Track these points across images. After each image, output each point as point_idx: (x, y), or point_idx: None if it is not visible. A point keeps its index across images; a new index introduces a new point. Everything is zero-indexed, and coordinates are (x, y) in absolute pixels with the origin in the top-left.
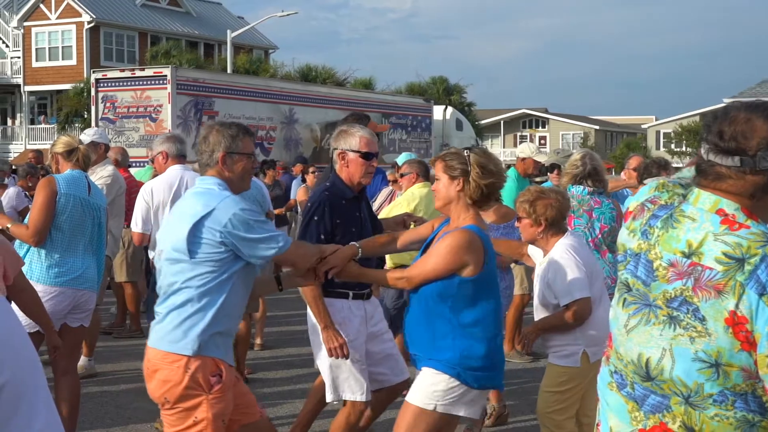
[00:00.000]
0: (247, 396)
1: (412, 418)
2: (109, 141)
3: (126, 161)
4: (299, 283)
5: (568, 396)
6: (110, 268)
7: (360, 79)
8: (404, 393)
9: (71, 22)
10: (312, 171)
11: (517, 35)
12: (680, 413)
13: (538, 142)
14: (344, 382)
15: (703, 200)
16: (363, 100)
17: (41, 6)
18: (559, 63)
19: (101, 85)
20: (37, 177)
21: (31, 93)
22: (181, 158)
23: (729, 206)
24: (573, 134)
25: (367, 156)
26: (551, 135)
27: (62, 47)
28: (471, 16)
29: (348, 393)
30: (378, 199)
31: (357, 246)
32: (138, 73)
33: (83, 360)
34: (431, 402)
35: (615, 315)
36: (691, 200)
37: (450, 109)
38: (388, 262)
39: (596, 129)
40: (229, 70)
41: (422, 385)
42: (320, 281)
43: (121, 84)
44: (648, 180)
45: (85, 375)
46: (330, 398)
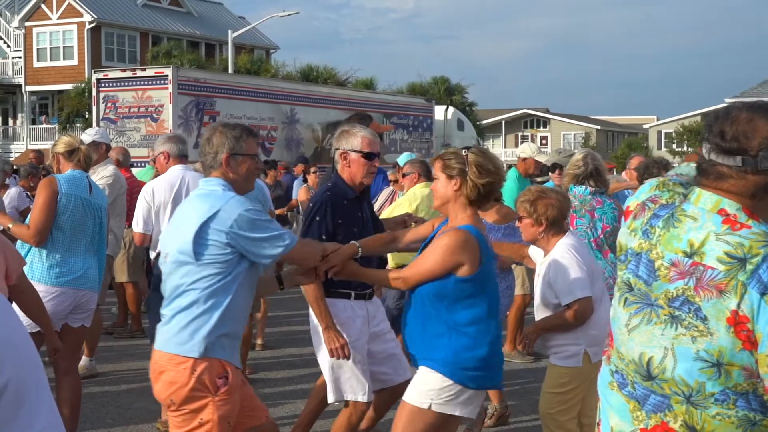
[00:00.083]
0: (253, 399)
1: (408, 417)
2: (111, 141)
3: (127, 161)
4: (300, 282)
5: (571, 397)
6: (112, 268)
7: (361, 79)
8: None
9: (72, 22)
10: (313, 171)
11: (519, 35)
12: (681, 412)
13: (540, 142)
14: (346, 383)
15: (705, 200)
16: (364, 100)
17: (42, 6)
18: (561, 63)
19: (102, 85)
20: (39, 177)
21: (33, 93)
22: (183, 158)
23: (730, 206)
24: (574, 134)
25: (369, 156)
26: (552, 135)
27: (63, 47)
28: (472, 17)
29: (350, 393)
30: (379, 200)
31: (357, 245)
32: (139, 73)
33: (84, 360)
34: (426, 401)
35: (616, 314)
36: (693, 200)
37: (451, 109)
38: (390, 262)
39: (598, 129)
40: (231, 70)
41: (417, 384)
42: (320, 280)
43: (123, 84)
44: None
45: (87, 375)
46: (332, 399)
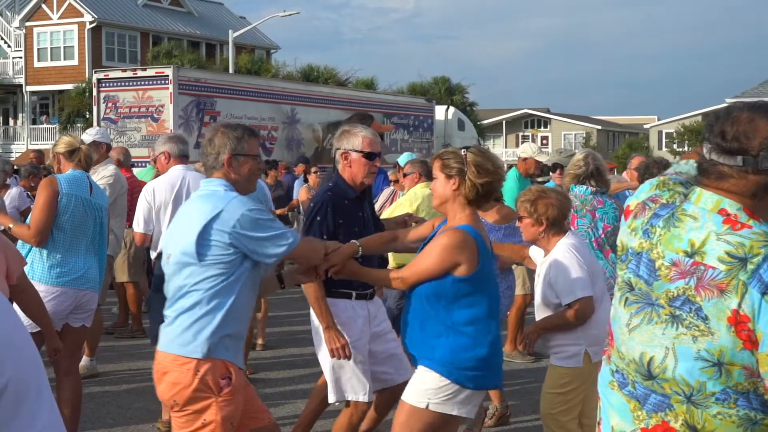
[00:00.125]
0: (256, 401)
1: (406, 417)
2: (111, 140)
3: (128, 161)
4: (301, 281)
5: (572, 397)
6: (112, 268)
7: (362, 79)
8: None
9: (73, 22)
10: (314, 171)
11: (519, 35)
12: (682, 412)
13: (540, 142)
14: (347, 383)
15: (705, 200)
16: (365, 100)
17: (43, 6)
18: (561, 63)
19: (103, 85)
20: (40, 177)
21: (33, 93)
22: (184, 158)
23: (731, 206)
24: (575, 134)
25: (370, 156)
26: (553, 135)
27: (64, 47)
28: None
29: (350, 393)
30: (380, 200)
31: (357, 244)
32: (140, 73)
33: (85, 360)
34: (423, 400)
35: (616, 314)
36: (693, 199)
37: (452, 109)
38: (391, 262)
39: (598, 129)
40: (231, 70)
41: (415, 384)
42: (321, 279)
43: (123, 84)
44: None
45: (87, 375)
46: (332, 399)
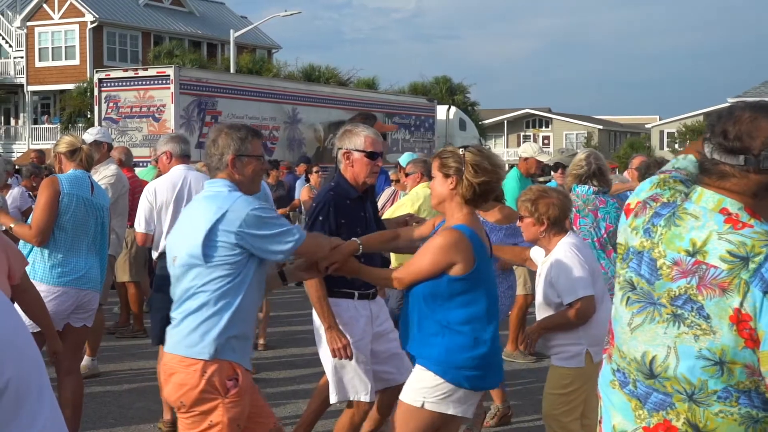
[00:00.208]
0: (262, 404)
1: (403, 416)
2: (112, 140)
3: (130, 161)
4: (303, 278)
5: (574, 397)
6: (114, 268)
7: (363, 79)
8: None
9: (74, 22)
10: (316, 171)
11: (520, 35)
12: (684, 410)
13: (542, 142)
14: (349, 383)
15: (707, 199)
16: (366, 100)
17: (44, 6)
18: (562, 63)
19: (104, 85)
20: (41, 177)
21: (34, 93)
22: (185, 158)
23: (732, 205)
24: (576, 134)
25: (372, 155)
26: (555, 135)
27: (65, 47)
28: (474, 16)
29: (352, 393)
30: (381, 200)
31: (358, 242)
32: (141, 73)
33: (86, 360)
34: (419, 399)
35: (617, 313)
36: (694, 198)
37: (453, 109)
38: (393, 262)
39: (600, 129)
40: (232, 70)
41: (412, 383)
42: (322, 275)
43: (124, 84)
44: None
45: (89, 375)
46: (334, 399)
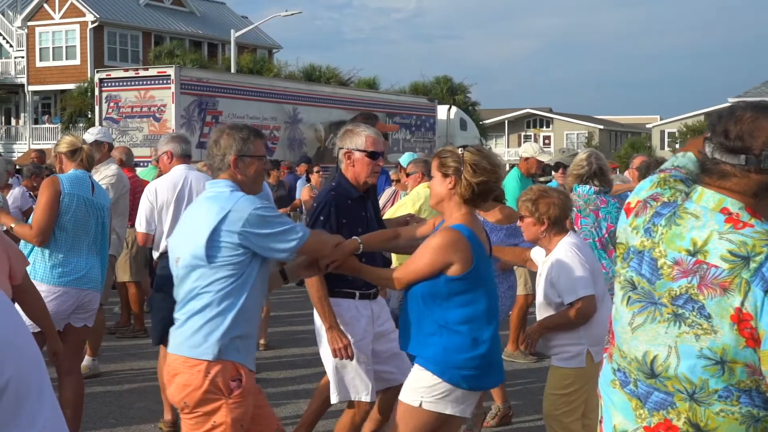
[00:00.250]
0: (266, 407)
1: (402, 415)
2: (113, 140)
3: (131, 161)
4: (304, 276)
5: (575, 398)
6: (114, 268)
7: (364, 79)
8: None
9: (75, 22)
10: (317, 171)
11: (521, 35)
12: (685, 410)
13: (543, 142)
14: (350, 383)
15: (707, 198)
16: (367, 100)
17: (45, 6)
18: (563, 62)
19: (105, 85)
20: (42, 177)
21: (35, 93)
22: (186, 158)
23: (733, 205)
24: (577, 134)
25: (373, 155)
26: (555, 135)
27: (66, 47)
28: (475, 16)
29: (353, 393)
30: (381, 200)
31: (359, 241)
32: (142, 73)
33: (87, 360)
34: (417, 398)
35: (618, 313)
36: (695, 198)
37: (454, 109)
38: (395, 263)
39: (600, 129)
40: (233, 70)
41: (410, 382)
42: (323, 273)
43: (125, 84)
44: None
45: (89, 375)
46: (335, 400)
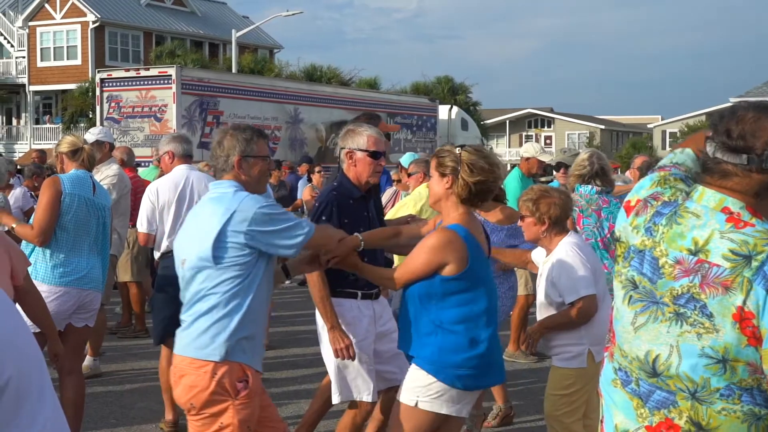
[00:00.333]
0: (271, 408)
1: (399, 415)
2: (114, 140)
3: (132, 161)
4: (305, 271)
5: (576, 398)
6: (116, 268)
7: (365, 79)
8: None
9: (76, 22)
10: (318, 171)
11: (522, 35)
12: (687, 408)
13: (544, 142)
14: (351, 383)
15: (708, 198)
16: (368, 100)
17: (46, 6)
18: (564, 62)
19: (106, 85)
20: (43, 177)
21: (36, 93)
22: (188, 158)
23: (734, 204)
24: (579, 134)
25: (375, 155)
26: (557, 135)
27: (67, 47)
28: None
29: (355, 393)
30: (382, 200)
31: (360, 238)
32: (143, 73)
33: (88, 360)
34: (413, 398)
35: (619, 312)
36: (695, 197)
37: (455, 109)
38: (396, 263)
39: (602, 129)
40: (234, 70)
41: (406, 382)
42: (323, 268)
43: (126, 84)
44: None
45: (90, 375)
46: (336, 400)
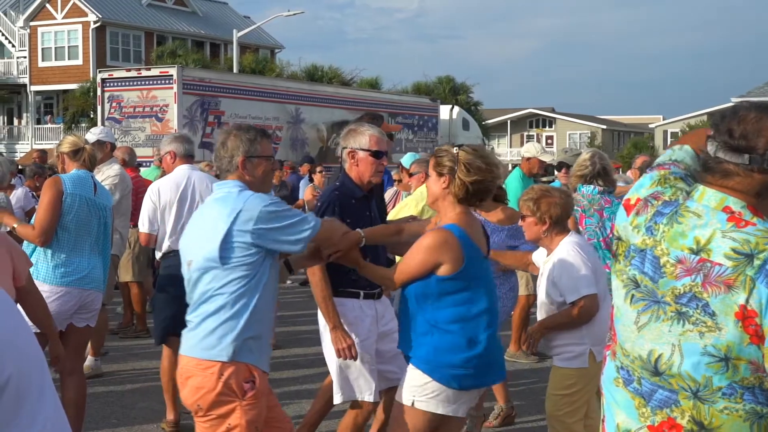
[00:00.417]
0: (278, 409)
1: (398, 415)
2: (115, 140)
3: (134, 161)
4: (307, 265)
5: (578, 398)
6: (117, 268)
7: (366, 79)
8: None
9: (77, 22)
10: (319, 171)
11: (524, 35)
12: (689, 408)
13: (545, 142)
14: (353, 382)
15: (709, 197)
16: (369, 100)
17: (47, 6)
18: (565, 62)
19: (107, 85)
20: (45, 177)
21: (38, 93)
22: (189, 158)
23: (735, 204)
24: (580, 134)
25: (377, 154)
26: (558, 134)
27: (68, 47)
28: (477, 16)
29: (357, 393)
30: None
31: (361, 234)
32: (144, 73)
33: (90, 360)
34: (409, 398)
35: (620, 311)
36: (696, 197)
37: (456, 109)
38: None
39: (603, 128)
40: (236, 70)
41: (404, 381)
42: (325, 261)
43: (128, 84)
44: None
45: (92, 375)
46: (338, 400)
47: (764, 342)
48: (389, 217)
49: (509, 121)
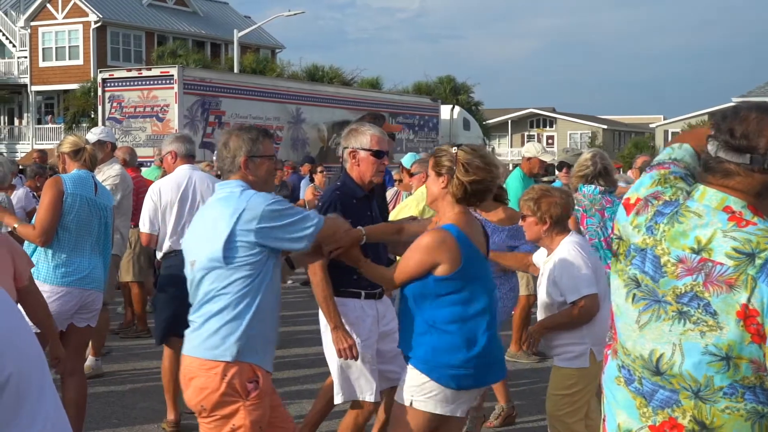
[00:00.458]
0: (281, 409)
1: (396, 414)
2: (116, 140)
3: (134, 161)
4: (308, 262)
5: (578, 398)
6: (118, 268)
7: (367, 79)
8: None
9: (78, 22)
10: (320, 170)
11: (525, 34)
12: (690, 407)
13: (546, 142)
14: (354, 382)
15: (710, 197)
16: (370, 100)
17: (48, 6)
18: (565, 62)
19: (108, 85)
20: (45, 177)
21: (38, 93)
22: (190, 158)
23: (736, 203)
24: (581, 134)
25: (378, 154)
26: (559, 134)
27: (69, 47)
28: (478, 16)
29: (358, 393)
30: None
31: (362, 231)
32: (145, 73)
33: (90, 360)
34: (408, 398)
35: (621, 310)
36: (697, 197)
37: (457, 109)
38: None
39: (604, 128)
40: (236, 70)
41: (403, 381)
42: (325, 257)
43: (128, 84)
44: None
45: (92, 375)
46: (339, 400)
47: (765, 341)
48: (390, 218)
49: (510, 121)
